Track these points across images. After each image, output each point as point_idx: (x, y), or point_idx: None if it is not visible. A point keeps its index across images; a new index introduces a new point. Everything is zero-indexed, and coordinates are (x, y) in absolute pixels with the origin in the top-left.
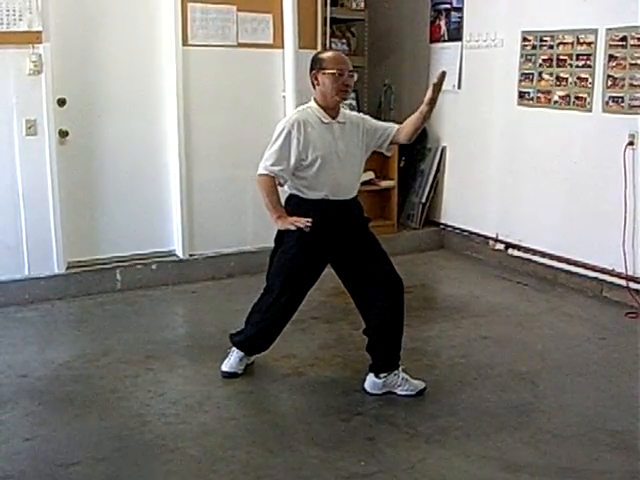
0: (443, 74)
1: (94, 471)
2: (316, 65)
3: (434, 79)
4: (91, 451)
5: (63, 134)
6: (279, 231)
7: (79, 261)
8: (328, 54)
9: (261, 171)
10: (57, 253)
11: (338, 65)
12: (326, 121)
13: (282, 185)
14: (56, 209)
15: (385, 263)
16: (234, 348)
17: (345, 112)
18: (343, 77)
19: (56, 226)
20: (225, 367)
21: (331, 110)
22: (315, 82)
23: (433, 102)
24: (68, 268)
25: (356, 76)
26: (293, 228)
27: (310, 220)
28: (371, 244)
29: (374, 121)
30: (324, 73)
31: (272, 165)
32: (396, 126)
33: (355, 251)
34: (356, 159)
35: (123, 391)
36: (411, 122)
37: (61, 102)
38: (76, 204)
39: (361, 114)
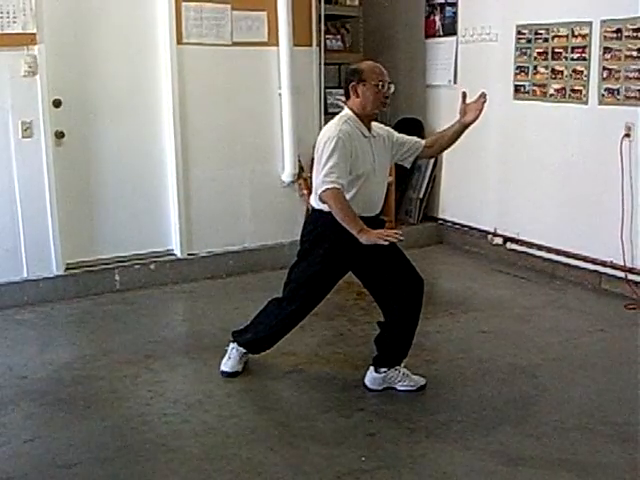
0: (484, 96)
1: (95, 471)
2: (355, 77)
3: (475, 102)
4: (92, 451)
5: (59, 135)
6: (305, 245)
7: (77, 262)
8: (367, 65)
9: (328, 185)
10: (55, 254)
11: (380, 77)
12: (367, 135)
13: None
14: (53, 211)
15: (406, 264)
16: (233, 346)
17: (374, 125)
18: (384, 89)
19: (54, 228)
20: (226, 367)
21: (368, 123)
22: (354, 94)
23: (469, 125)
24: (66, 269)
25: (393, 87)
26: (384, 243)
27: (400, 232)
28: (391, 248)
29: (400, 135)
30: (365, 85)
31: (339, 177)
32: (423, 142)
33: (377, 257)
34: (386, 174)
35: (123, 391)
36: (442, 142)
37: (57, 103)
38: (73, 205)
39: (387, 127)
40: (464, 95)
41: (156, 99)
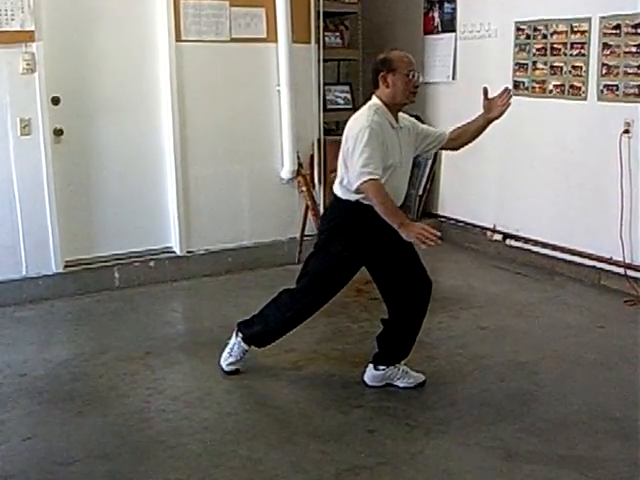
0: (508, 91)
1: (95, 469)
2: (385, 66)
3: (500, 97)
4: (92, 449)
5: (58, 133)
6: (324, 237)
7: (77, 260)
8: (397, 54)
9: (368, 177)
10: (54, 252)
11: (409, 66)
12: (395, 126)
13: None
14: (52, 208)
15: (418, 264)
16: (235, 341)
17: (400, 115)
18: (414, 78)
19: (53, 225)
20: (228, 365)
21: (396, 113)
22: (384, 84)
23: (493, 121)
24: (66, 267)
25: (421, 78)
26: (422, 246)
27: (439, 235)
28: (408, 244)
29: (424, 126)
30: (395, 74)
31: (377, 168)
32: (446, 133)
33: (393, 254)
34: (409, 165)
35: (123, 388)
36: (466, 136)
37: (55, 100)
38: (72, 203)
39: (412, 118)
40: (485, 90)
41: (155, 96)
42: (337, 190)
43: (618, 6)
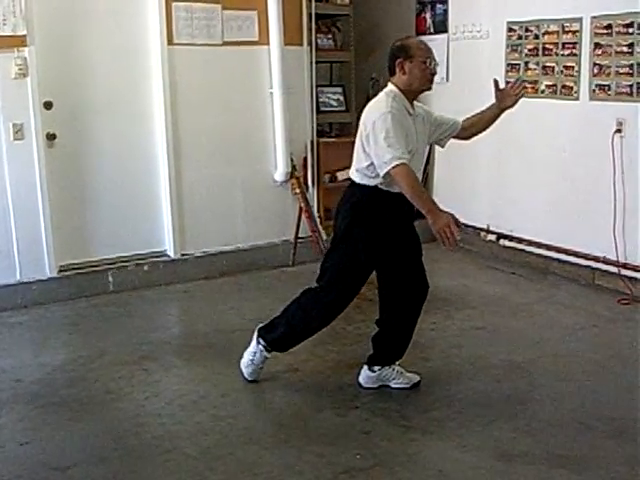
0: (521, 80)
1: (91, 473)
2: (402, 53)
3: (512, 88)
4: (87, 454)
5: (51, 137)
6: (341, 231)
7: (71, 264)
8: (413, 41)
9: (397, 162)
10: (48, 257)
11: (427, 53)
12: (411, 113)
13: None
14: (46, 213)
15: (421, 267)
16: (256, 349)
17: (415, 103)
18: (431, 65)
19: (46, 230)
20: (251, 374)
21: (412, 100)
22: (401, 71)
23: (507, 110)
24: (60, 271)
25: (437, 68)
26: (442, 244)
27: (458, 238)
28: (416, 244)
29: (438, 114)
30: (412, 62)
31: (404, 153)
32: (460, 122)
33: (402, 247)
34: (424, 154)
35: (118, 392)
36: (479, 125)
37: (48, 105)
38: (66, 207)
39: (426, 107)
40: (496, 82)
41: (148, 100)
42: (354, 176)
43: (609, 6)
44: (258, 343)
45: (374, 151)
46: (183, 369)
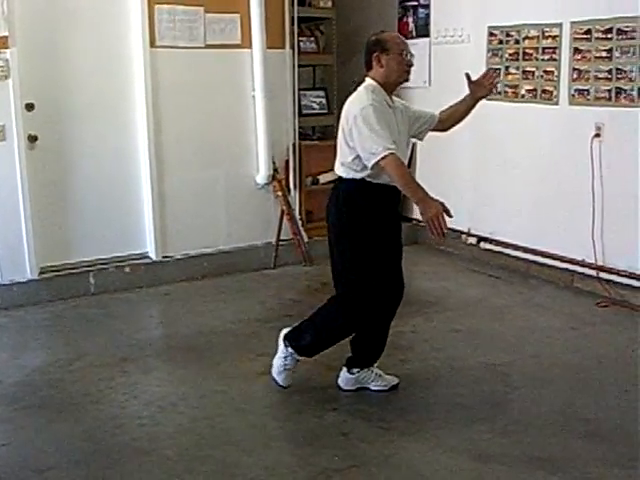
0: (493, 70)
1: (69, 475)
2: (378, 47)
3: (484, 78)
4: (66, 455)
5: (32, 139)
6: (335, 233)
7: (52, 266)
8: (389, 35)
9: (385, 152)
10: (29, 258)
11: (402, 46)
12: (391, 105)
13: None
14: (27, 214)
15: (398, 264)
16: (287, 353)
17: (393, 97)
18: (407, 57)
19: (27, 231)
20: (286, 380)
21: (390, 93)
22: (378, 64)
23: (481, 99)
24: (41, 273)
25: (414, 57)
26: (431, 233)
27: (446, 231)
28: (399, 245)
29: (415, 108)
30: (388, 54)
31: (391, 143)
32: (437, 114)
33: (387, 247)
34: (408, 147)
35: (97, 395)
36: (455, 116)
37: (29, 107)
38: (47, 209)
39: (403, 101)
40: (468, 75)
41: (130, 102)
42: (340, 171)
43: (589, 11)
44: (287, 347)
45: (360, 144)
46: (163, 371)
